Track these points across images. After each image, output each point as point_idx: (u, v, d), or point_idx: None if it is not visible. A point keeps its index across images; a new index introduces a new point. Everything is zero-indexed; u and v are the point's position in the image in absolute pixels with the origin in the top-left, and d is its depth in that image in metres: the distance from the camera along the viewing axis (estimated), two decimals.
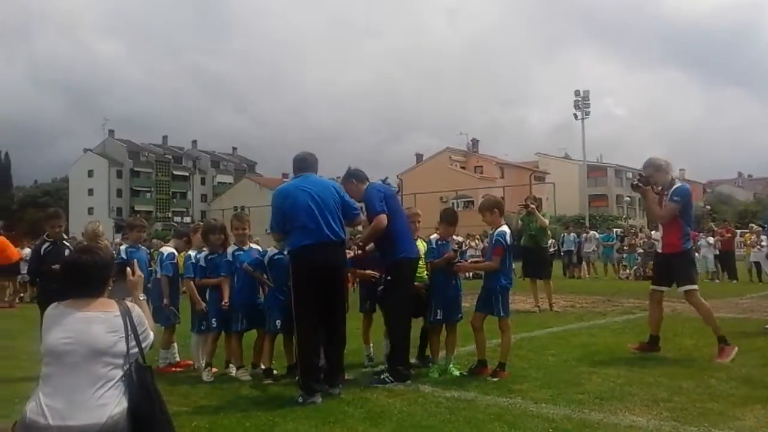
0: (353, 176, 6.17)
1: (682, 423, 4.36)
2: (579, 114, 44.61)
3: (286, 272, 6.17)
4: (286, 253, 5.78)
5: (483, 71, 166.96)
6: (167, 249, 7.19)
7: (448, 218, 6.43)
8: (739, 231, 24.29)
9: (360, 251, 6.39)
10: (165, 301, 6.76)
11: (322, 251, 5.40)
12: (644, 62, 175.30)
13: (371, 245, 6.29)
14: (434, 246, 6.31)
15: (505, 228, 6.07)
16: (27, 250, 18.07)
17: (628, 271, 22.89)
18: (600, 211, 53.49)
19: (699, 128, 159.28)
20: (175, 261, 7.00)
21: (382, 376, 5.84)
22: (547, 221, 11.87)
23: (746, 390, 5.23)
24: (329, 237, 5.45)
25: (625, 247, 23.48)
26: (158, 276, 6.95)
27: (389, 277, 6.01)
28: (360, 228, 7.14)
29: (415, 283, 6.17)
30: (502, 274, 6.02)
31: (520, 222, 11.84)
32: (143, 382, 3.06)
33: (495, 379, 5.76)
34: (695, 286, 6.81)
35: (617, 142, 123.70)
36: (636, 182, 6.96)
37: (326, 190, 5.63)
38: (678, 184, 6.89)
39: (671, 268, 6.90)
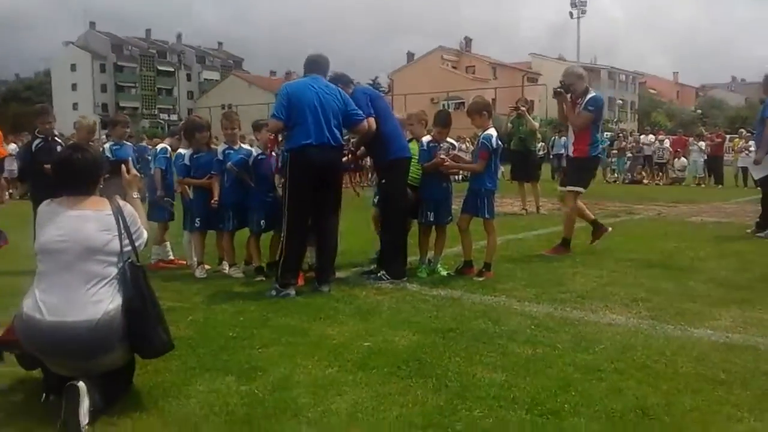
0: (338, 80, 6.03)
1: (660, 322, 4.54)
2: (575, 13, 43.46)
3: (269, 172, 6.25)
4: (285, 151, 5.73)
5: None
6: (161, 144, 7.25)
7: (442, 121, 6.38)
8: (728, 136, 24.31)
9: (351, 155, 6.41)
10: (159, 192, 6.79)
11: (321, 152, 5.40)
12: None
13: (362, 150, 6.34)
14: (425, 148, 6.29)
15: (492, 131, 6.10)
16: (12, 146, 17.86)
17: (616, 174, 23.07)
18: None
19: (695, 31, 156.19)
20: (168, 155, 6.99)
21: (379, 273, 5.98)
22: (537, 125, 11.79)
23: (723, 292, 5.41)
24: (329, 139, 5.46)
25: (614, 151, 23.55)
26: (152, 170, 6.99)
27: (383, 180, 6.09)
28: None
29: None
30: (488, 177, 6.09)
31: (509, 125, 11.79)
32: (136, 280, 3.12)
33: (480, 279, 5.91)
34: (581, 189, 7.29)
35: (612, 44, 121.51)
36: (558, 89, 7.22)
37: (332, 94, 5.60)
38: (592, 94, 7.18)
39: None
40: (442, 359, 3.79)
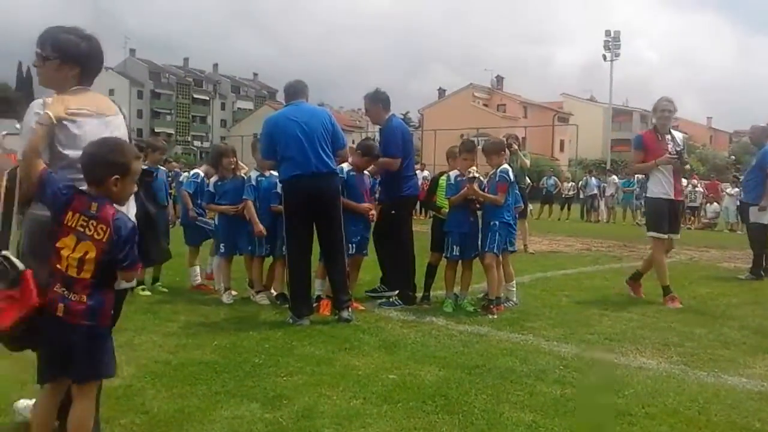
0: (381, 101, 6.45)
1: (692, 368, 4.43)
2: (608, 55, 43.52)
3: None
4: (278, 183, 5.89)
5: (513, 6, 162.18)
6: (195, 170, 7.50)
7: (467, 147, 6.37)
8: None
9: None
10: (191, 213, 6.99)
11: (311, 181, 5.44)
12: (679, 2, 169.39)
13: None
14: (453, 182, 6.30)
15: (507, 166, 6.25)
16: None
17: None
18: (622, 156, 52.73)
19: (729, 76, 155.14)
20: (198, 180, 7.15)
21: (390, 299, 6.28)
22: (528, 162, 11.46)
23: (757, 339, 5.28)
24: (318, 168, 5.46)
25: (644, 194, 23.31)
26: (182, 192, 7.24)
27: (393, 211, 6.45)
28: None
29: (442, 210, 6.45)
30: (505, 210, 6.12)
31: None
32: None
33: (493, 316, 5.81)
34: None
35: (645, 86, 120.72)
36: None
37: (315, 118, 5.61)
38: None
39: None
40: (469, 396, 3.73)
